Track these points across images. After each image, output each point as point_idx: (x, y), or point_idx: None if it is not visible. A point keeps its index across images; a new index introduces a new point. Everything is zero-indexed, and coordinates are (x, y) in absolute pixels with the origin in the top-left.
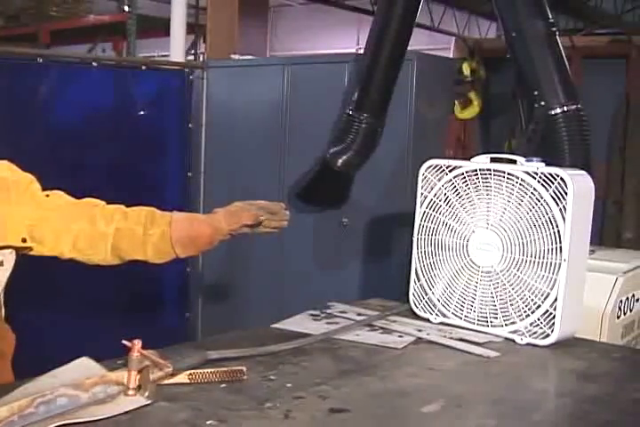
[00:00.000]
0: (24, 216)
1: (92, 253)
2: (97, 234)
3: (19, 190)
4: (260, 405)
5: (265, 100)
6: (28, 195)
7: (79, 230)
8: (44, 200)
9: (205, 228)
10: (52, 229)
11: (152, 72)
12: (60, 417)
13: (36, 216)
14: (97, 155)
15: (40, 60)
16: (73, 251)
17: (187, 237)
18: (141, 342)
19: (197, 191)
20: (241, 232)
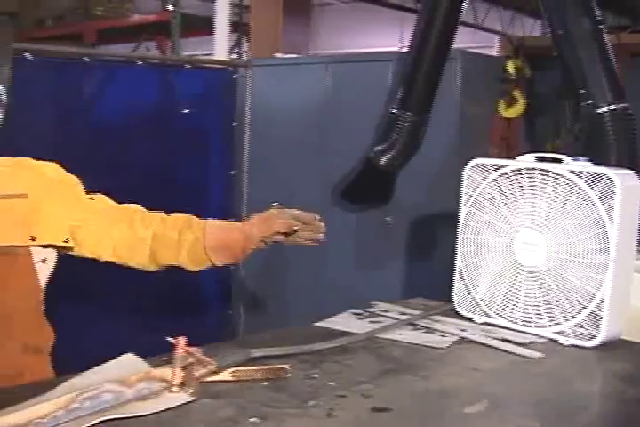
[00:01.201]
0: (68, 217)
1: (130, 258)
2: (136, 239)
3: (64, 191)
4: (302, 403)
5: (308, 99)
6: (72, 196)
7: (119, 235)
8: (88, 203)
9: (237, 234)
10: (94, 232)
11: (196, 71)
12: (104, 413)
13: (79, 218)
14: (141, 153)
15: (86, 59)
16: (112, 255)
17: (219, 244)
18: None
19: (241, 190)
20: (274, 240)
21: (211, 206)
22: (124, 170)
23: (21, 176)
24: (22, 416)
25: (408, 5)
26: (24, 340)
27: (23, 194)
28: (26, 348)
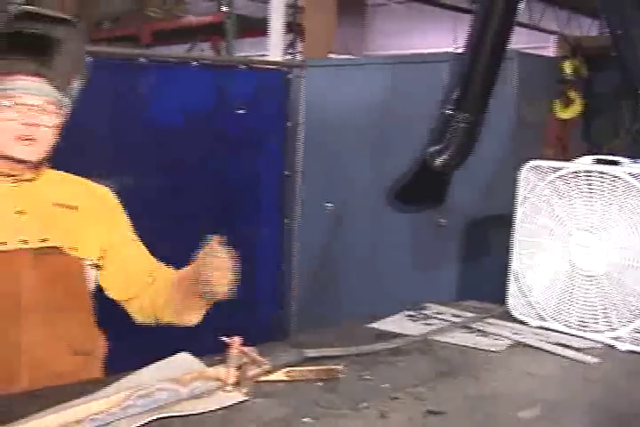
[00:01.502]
0: (105, 239)
1: (129, 305)
2: (147, 299)
3: (110, 215)
4: (355, 404)
5: (362, 100)
6: (115, 222)
7: (135, 282)
8: (128, 236)
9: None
10: (116, 265)
11: (250, 71)
12: (158, 410)
13: (113, 243)
14: (195, 153)
15: (143, 60)
16: (117, 295)
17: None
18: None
19: (294, 191)
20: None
21: (264, 207)
22: (177, 170)
23: (76, 191)
24: (79, 412)
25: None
26: (69, 341)
27: (74, 206)
28: (71, 349)
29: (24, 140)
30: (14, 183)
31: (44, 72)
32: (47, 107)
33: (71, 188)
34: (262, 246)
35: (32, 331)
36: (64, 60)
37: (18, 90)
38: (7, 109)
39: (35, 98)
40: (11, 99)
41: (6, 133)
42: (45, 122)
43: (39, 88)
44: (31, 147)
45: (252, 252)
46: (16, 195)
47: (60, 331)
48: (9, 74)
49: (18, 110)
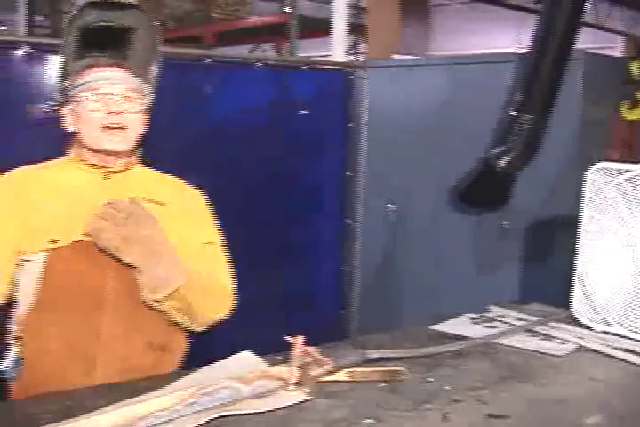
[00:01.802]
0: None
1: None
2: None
3: (194, 216)
4: (417, 406)
5: (425, 100)
6: (195, 224)
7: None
8: (204, 239)
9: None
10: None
11: (314, 72)
12: (221, 408)
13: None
14: (259, 154)
15: (207, 60)
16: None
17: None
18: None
19: (357, 191)
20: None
21: (327, 208)
22: (241, 170)
23: (167, 189)
24: (144, 408)
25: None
26: (146, 336)
27: (162, 202)
28: (148, 344)
29: (111, 129)
30: (104, 175)
31: (122, 61)
32: (129, 94)
33: (161, 185)
34: (324, 247)
35: (112, 324)
36: (139, 47)
37: (99, 81)
38: (91, 101)
39: (116, 87)
40: (93, 90)
41: (93, 125)
42: (130, 109)
43: (119, 77)
44: (119, 136)
45: (314, 252)
46: (105, 187)
47: (138, 325)
48: (91, 66)
49: (101, 101)
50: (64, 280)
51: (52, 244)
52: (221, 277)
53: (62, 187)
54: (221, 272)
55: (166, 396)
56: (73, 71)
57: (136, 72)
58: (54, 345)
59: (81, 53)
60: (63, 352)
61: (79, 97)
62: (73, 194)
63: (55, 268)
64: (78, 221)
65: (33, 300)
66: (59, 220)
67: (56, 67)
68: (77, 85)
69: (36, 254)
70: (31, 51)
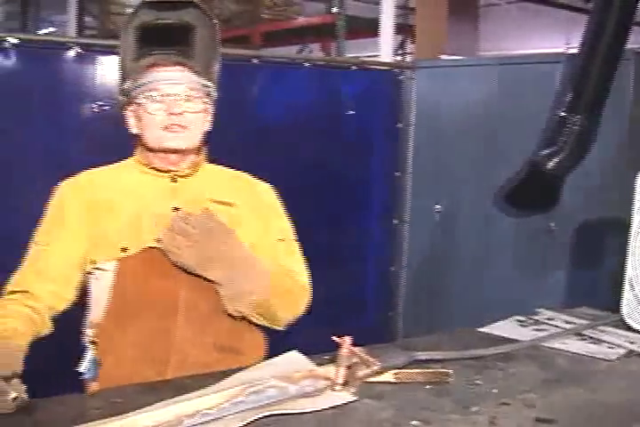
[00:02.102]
0: (254, 237)
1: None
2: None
3: (265, 215)
4: (464, 409)
5: (473, 101)
6: (266, 222)
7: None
8: (275, 236)
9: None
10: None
11: (361, 72)
12: (268, 407)
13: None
14: (307, 154)
15: (255, 61)
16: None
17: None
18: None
19: (405, 191)
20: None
21: (374, 208)
22: (289, 170)
23: (236, 188)
24: (191, 406)
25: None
26: (219, 339)
27: (231, 202)
28: (221, 347)
29: (172, 129)
30: (172, 179)
31: (183, 60)
32: (190, 93)
33: (229, 183)
34: (372, 247)
35: (184, 328)
36: (200, 45)
37: (159, 82)
38: (152, 102)
39: (176, 87)
40: (154, 91)
41: (155, 125)
42: (190, 109)
43: (179, 77)
44: (181, 134)
45: (361, 252)
46: (173, 191)
47: (208, 328)
48: (150, 66)
49: (162, 101)
50: (136, 289)
51: (122, 252)
52: (298, 274)
53: (130, 191)
54: (298, 269)
55: (214, 394)
56: (133, 72)
57: (198, 71)
58: (128, 351)
59: (141, 53)
60: (137, 357)
61: (140, 99)
62: (140, 199)
63: (126, 277)
64: (147, 227)
65: (106, 307)
66: (128, 227)
67: (105, 67)
68: (137, 87)
69: (107, 263)
70: (81, 51)
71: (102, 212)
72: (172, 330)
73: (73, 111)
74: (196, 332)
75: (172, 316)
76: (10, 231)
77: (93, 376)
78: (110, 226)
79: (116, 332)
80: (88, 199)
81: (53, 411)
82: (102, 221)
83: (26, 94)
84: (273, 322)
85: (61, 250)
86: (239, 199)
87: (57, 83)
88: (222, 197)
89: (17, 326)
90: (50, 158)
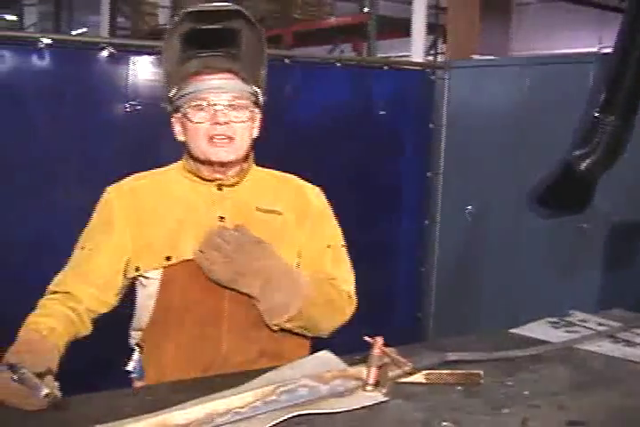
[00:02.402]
0: (301, 244)
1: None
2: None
3: (315, 221)
4: (495, 410)
5: (505, 101)
6: (315, 228)
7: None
8: (324, 242)
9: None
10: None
11: (393, 72)
12: (300, 407)
13: (304, 248)
14: (336, 153)
15: (287, 60)
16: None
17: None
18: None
19: (436, 192)
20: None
21: (405, 208)
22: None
23: (284, 194)
24: (223, 405)
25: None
26: (263, 346)
27: (278, 211)
28: (264, 353)
29: (217, 140)
30: (217, 188)
31: (231, 66)
32: (237, 102)
33: (276, 189)
34: (403, 247)
35: (228, 338)
36: (247, 49)
37: (205, 90)
38: (197, 111)
39: (221, 96)
40: (199, 100)
41: (200, 136)
42: (236, 118)
43: (226, 85)
44: (226, 147)
45: (392, 252)
46: (218, 200)
47: (252, 336)
48: (197, 74)
49: (207, 111)
50: (180, 298)
51: (166, 261)
52: (343, 282)
53: (175, 199)
54: (343, 277)
55: (246, 393)
56: (178, 78)
57: (244, 77)
58: (172, 357)
59: (187, 56)
60: (181, 364)
61: (185, 108)
62: (186, 207)
63: (171, 286)
64: (190, 237)
65: (151, 313)
66: (173, 235)
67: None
68: (182, 96)
69: (151, 271)
70: (114, 52)
71: (147, 219)
72: (216, 339)
73: (106, 111)
74: (239, 340)
75: (217, 325)
76: (44, 232)
77: (140, 376)
78: (155, 234)
79: (160, 338)
80: (134, 206)
81: (85, 409)
82: (147, 229)
83: (59, 94)
84: (315, 332)
85: (105, 255)
86: (286, 206)
87: (90, 83)
88: (269, 205)
89: (55, 326)
90: (82, 158)
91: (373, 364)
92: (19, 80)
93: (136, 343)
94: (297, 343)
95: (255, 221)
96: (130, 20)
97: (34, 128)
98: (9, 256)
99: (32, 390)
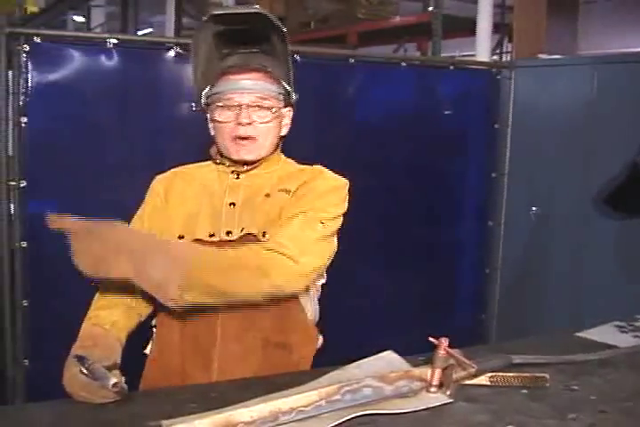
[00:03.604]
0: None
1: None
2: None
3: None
4: (561, 415)
5: (573, 101)
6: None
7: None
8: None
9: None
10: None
11: (458, 72)
12: (363, 407)
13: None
14: (400, 153)
15: (352, 60)
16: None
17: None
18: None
19: (500, 193)
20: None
21: (469, 209)
22: (384, 169)
23: (298, 179)
24: (288, 403)
25: None
26: (266, 334)
27: (289, 189)
28: (268, 342)
29: (241, 140)
30: (236, 176)
31: (265, 63)
32: (263, 103)
33: (293, 176)
34: (466, 249)
35: (227, 323)
36: (275, 52)
37: (230, 90)
38: (223, 111)
39: (247, 96)
40: (225, 100)
41: (224, 135)
42: (260, 118)
43: (251, 86)
44: (248, 147)
45: (456, 253)
46: (234, 187)
47: (254, 324)
48: (225, 73)
49: (232, 111)
50: None
51: (178, 240)
52: (283, 242)
53: (202, 185)
54: (291, 240)
55: (310, 392)
56: (208, 77)
57: (277, 75)
58: (178, 340)
59: (219, 54)
60: (185, 347)
61: (212, 106)
62: (206, 194)
63: None
64: (204, 220)
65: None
66: (191, 217)
67: None
68: (212, 94)
69: None
70: (180, 51)
71: (174, 200)
72: (214, 325)
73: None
74: (238, 328)
75: (215, 311)
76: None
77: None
78: (176, 214)
79: (168, 320)
80: (169, 188)
81: (151, 404)
82: (171, 209)
83: (127, 93)
84: (234, 301)
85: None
86: (294, 187)
87: (157, 82)
88: (284, 186)
89: (117, 319)
90: (149, 157)
91: (438, 365)
92: (88, 79)
93: (154, 324)
94: (305, 334)
95: (258, 206)
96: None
97: (102, 127)
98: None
99: (101, 381)
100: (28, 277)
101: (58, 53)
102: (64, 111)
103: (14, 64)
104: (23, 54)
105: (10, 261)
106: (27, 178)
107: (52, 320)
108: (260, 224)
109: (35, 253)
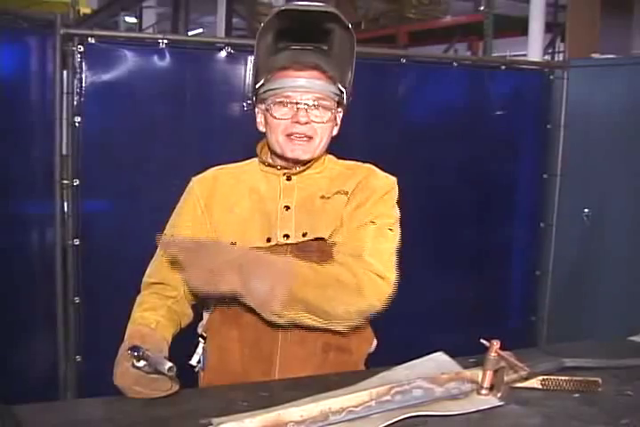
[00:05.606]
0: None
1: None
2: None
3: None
4: (614, 420)
5: (626, 101)
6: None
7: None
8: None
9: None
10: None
11: (509, 72)
12: (414, 408)
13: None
14: (451, 154)
15: (403, 60)
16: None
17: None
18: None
19: (552, 194)
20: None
21: (521, 210)
22: (435, 169)
23: (353, 179)
24: (338, 403)
25: None
26: (326, 339)
27: (345, 191)
28: (328, 346)
29: (296, 138)
30: (287, 178)
31: (319, 62)
32: (319, 102)
33: (344, 176)
34: (517, 250)
35: (289, 329)
36: (338, 52)
37: (290, 88)
38: (280, 107)
39: (305, 96)
40: (283, 98)
41: (278, 131)
42: (317, 118)
43: (311, 85)
44: (303, 146)
45: (507, 255)
46: (286, 190)
47: (317, 330)
48: (285, 69)
49: (290, 108)
50: None
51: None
52: (367, 264)
53: (248, 188)
54: (377, 255)
55: (360, 392)
56: (266, 70)
57: (332, 76)
58: (235, 346)
59: (278, 48)
60: (244, 353)
61: (268, 102)
62: (256, 197)
63: None
64: (257, 225)
65: (214, 301)
66: (241, 222)
67: None
68: (269, 90)
69: None
70: (232, 51)
71: (220, 206)
72: (276, 330)
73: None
74: (301, 332)
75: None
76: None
77: (204, 367)
78: (225, 220)
79: (222, 327)
80: (211, 192)
81: (199, 402)
82: (218, 215)
83: (180, 93)
84: (326, 318)
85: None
86: (352, 187)
87: (209, 82)
88: (339, 187)
89: (161, 319)
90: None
91: (489, 367)
92: (140, 79)
93: (200, 334)
94: (361, 335)
95: (317, 209)
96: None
97: (154, 126)
98: (128, 251)
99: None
100: (80, 275)
101: (111, 54)
102: (117, 111)
103: (68, 64)
104: (77, 55)
105: (62, 258)
106: (80, 177)
107: (104, 317)
108: (323, 228)
109: (87, 252)
